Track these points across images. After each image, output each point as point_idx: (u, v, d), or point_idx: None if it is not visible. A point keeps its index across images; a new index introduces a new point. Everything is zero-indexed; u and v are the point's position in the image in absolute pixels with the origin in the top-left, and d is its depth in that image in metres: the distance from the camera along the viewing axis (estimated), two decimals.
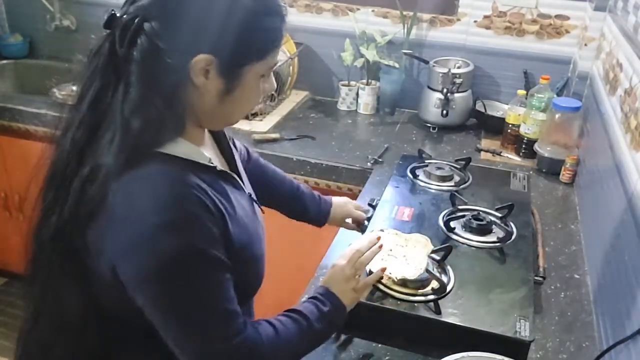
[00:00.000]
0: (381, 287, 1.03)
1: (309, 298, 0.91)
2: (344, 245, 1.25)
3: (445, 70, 1.83)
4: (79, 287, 0.75)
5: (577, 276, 1.22)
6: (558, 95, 1.78)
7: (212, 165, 0.80)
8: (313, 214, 1.22)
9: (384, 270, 0.98)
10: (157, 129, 0.73)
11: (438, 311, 0.99)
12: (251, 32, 0.76)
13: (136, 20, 0.71)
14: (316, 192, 1.25)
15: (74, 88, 0.80)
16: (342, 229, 1.33)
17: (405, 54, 1.91)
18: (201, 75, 0.74)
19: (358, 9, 2.00)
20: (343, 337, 1.02)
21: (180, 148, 0.76)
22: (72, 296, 0.76)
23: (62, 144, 0.75)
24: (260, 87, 0.82)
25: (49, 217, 0.75)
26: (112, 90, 0.73)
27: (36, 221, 0.77)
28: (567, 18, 1.81)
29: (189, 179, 0.74)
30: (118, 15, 0.73)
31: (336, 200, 1.26)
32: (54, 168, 0.76)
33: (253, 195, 0.93)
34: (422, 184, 1.43)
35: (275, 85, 0.86)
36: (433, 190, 1.41)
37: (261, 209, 0.96)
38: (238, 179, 0.88)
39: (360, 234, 1.23)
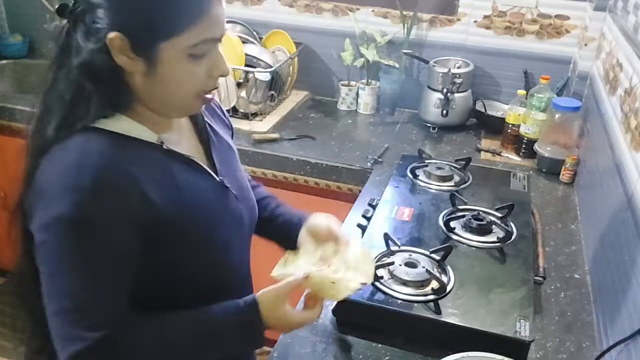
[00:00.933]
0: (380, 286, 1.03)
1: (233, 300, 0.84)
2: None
3: (445, 70, 1.83)
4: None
5: (577, 276, 1.22)
6: (558, 95, 1.78)
7: (157, 143, 0.80)
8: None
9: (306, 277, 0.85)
10: (86, 105, 0.75)
11: (438, 311, 0.99)
12: (155, 3, 0.73)
13: (78, 8, 0.75)
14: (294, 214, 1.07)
15: None
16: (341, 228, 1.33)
17: (405, 53, 1.91)
18: (121, 55, 0.74)
19: (358, 9, 2.00)
20: (343, 337, 1.02)
21: (119, 124, 0.78)
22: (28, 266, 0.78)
23: (32, 137, 0.79)
24: (196, 67, 0.77)
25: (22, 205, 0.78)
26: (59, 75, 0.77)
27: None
28: (567, 18, 1.81)
29: (107, 152, 0.74)
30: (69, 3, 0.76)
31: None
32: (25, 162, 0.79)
33: (226, 183, 0.89)
34: (422, 184, 1.43)
35: (229, 68, 0.82)
36: (433, 190, 1.41)
37: (235, 195, 0.91)
38: (203, 164, 0.87)
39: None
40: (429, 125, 1.92)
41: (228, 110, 1.85)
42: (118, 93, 0.78)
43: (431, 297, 1.02)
